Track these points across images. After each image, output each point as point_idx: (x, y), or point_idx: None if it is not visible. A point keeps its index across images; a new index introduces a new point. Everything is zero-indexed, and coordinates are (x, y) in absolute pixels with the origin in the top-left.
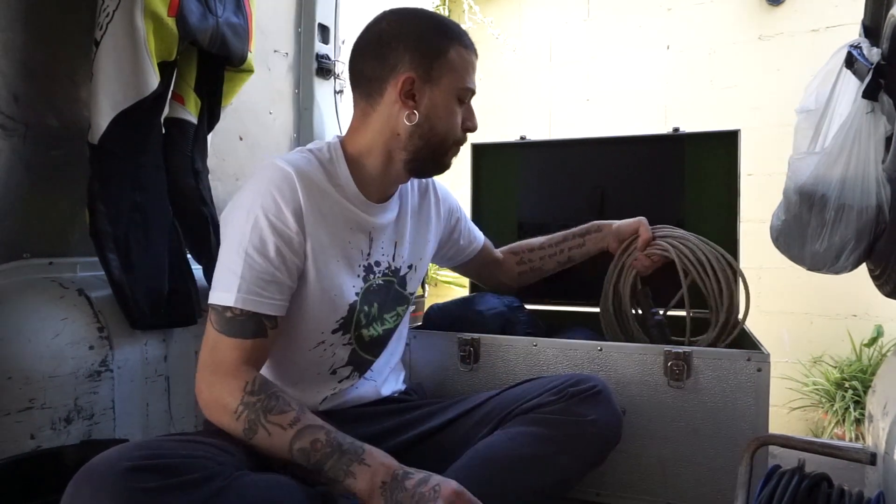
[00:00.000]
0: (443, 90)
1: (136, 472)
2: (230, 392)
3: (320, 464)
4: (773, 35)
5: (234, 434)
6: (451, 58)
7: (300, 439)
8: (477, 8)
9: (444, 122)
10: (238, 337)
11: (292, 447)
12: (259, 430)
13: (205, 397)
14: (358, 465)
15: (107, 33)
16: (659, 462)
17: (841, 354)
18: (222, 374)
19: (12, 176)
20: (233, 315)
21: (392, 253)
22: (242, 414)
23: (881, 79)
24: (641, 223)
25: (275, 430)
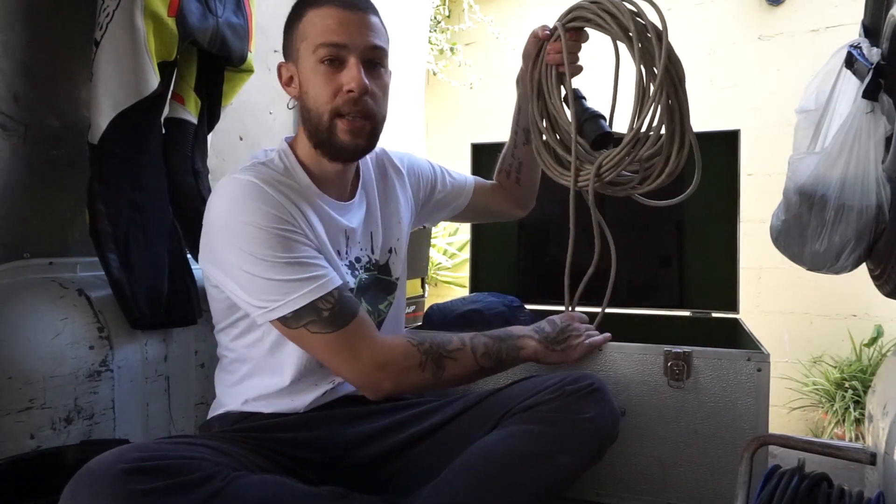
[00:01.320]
0: (303, 62)
1: (134, 474)
2: (404, 357)
3: (498, 357)
4: (773, 35)
5: (424, 383)
6: (302, 26)
7: (476, 351)
8: (477, 7)
9: (310, 96)
10: (351, 317)
11: (477, 359)
12: (447, 364)
13: (392, 382)
14: (517, 341)
15: (107, 33)
16: (659, 462)
17: (841, 354)
18: (384, 355)
19: (12, 176)
20: (326, 306)
21: (370, 245)
22: (427, 362)
23: (881, 79)
24: (534, 32)
25: (458, 355)
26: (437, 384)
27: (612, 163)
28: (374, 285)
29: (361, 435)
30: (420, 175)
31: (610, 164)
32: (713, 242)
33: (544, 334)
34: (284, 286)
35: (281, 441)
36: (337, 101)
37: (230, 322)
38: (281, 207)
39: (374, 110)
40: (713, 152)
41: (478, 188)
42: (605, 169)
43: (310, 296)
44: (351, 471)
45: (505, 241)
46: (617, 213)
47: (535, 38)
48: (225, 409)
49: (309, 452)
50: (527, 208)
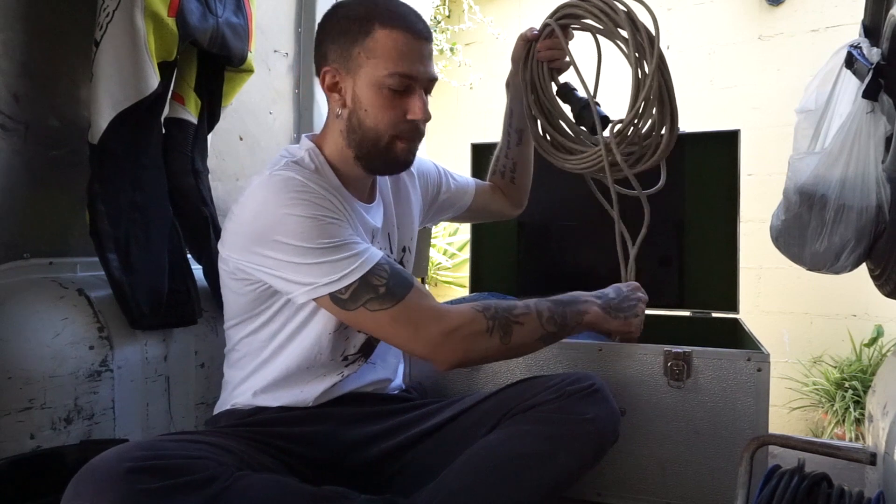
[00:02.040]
0: (363, 79)
1: (137, 474)
2: (471, 323)
3: (563, 322)
4: (773, 35)
5: (492, 350)
6: (370, 42)
7: (541, 316)
8: (477, 8)
9: (370, 115)
10: (408, 289)
11: (542, 324)
12: (514, 330)
13: (461, 350)
14: (581, 306)
15: (107, 33)
16: (659, 462)
17: (841, 354)
18: (449, 323)
19: (12, 176)
20: (381, 281)
21: (388, 245)
22: (495, 328)
23: (881, 79)
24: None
25: (524, 320)
26: (505, 351)
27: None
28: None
29: (365, 436)
30: (427, 176)
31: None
32: (713, 242)
33: (608, 300)
34: (336, 266)
35: (285, 436)
36: (401, 126)
37: (251, 315)
38: (324, 198)
39: (423, 133)
40: (713, 152)
41: (481, 192)
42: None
43: (360, 270)
44: (352, 471)
45: (505, 241)
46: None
47: (523, 41)
48: (232, 404)
49: (312, 450)
50: (521, 207)
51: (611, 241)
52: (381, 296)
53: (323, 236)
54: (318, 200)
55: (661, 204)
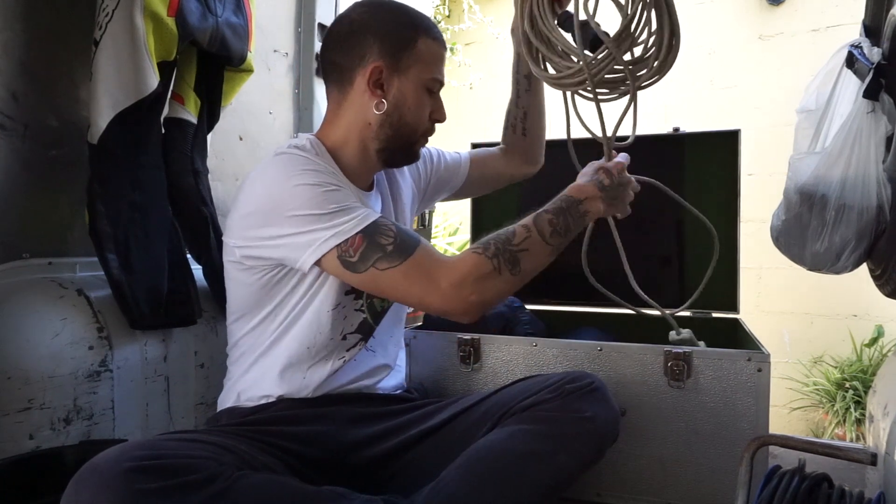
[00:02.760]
0: (411, 80)
1: (138, 473)
2: (477, 267)
3: (566, 229)
4: (773, 35)
5: (506, 286)
6: (420, 49)
7: (543, 234)
8: (477, 8)
9: (412, 112)
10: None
11: (546, 241)
12: (521, 258)
13: (476, 296)
14: (580, 206)
15: (106, 33)
16: (659, 462)
17: (841, 354)
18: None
19: (12, 176)
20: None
21: None
22: (501, 264)
23: (882, 78)
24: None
25: (527, 245)
26: (519, 281)
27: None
28: None
29: (365, 437)
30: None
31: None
32: (713, 242)
33: (603, 187)
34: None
35: (286, 436)
36: (427, 124)
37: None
38: (328, 170)
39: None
40: (713, 152)
41: (476, 161)
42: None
43: (363, 223)
44: (352, 471)
45: None
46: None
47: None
48: (233, 403)
49: (312, 449)
50: (537, 163)
51: (610, 241)
52: (390, 254)
53: (331, 202)
54: (323, 171)
55: (661, 204)
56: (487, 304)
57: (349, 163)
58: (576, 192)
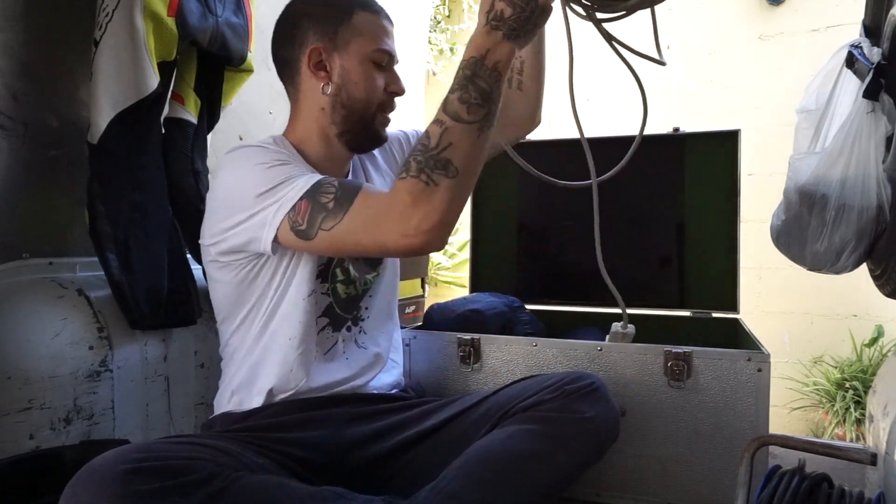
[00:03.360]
0: (352, 55)
1: (135, 475)
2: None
3: (484, 94)
4: (773, 35)
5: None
6: (356, 22)
7: (459, 116)
8: (477, 8)
9: (360, 87)
10: (355, 192)
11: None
12: (449, 156)
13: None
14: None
15: (106, 33)
16: (659, 462)
17: (841, 354)
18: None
19: (12, 176)
20: (328, 197)
21: None
22: (430, 177)
23: (882, 78)
24: None
25: (448, 139)
26: (465, 181)
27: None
28: (365, 258)
29: (362, 436)
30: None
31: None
32: (713, 242)
33: (501, 21)
34: (287, 194)
35: (282, 441)
36: (383, 97)
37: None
38: (284, 154)
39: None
40: (713, 152)
41: None
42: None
43: (304, 187)
44: (351, 471)
45: (505, 241)
46: (617, 213)
47: None
48: (227, 402)
49: (309, 453)
50: (534, 121)
51: (611, 241)
52: (332, 211)
53: (276, 176)
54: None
55: (660, 204)
56: (444, 224)
57: (316, 155)
58: (473, 51)
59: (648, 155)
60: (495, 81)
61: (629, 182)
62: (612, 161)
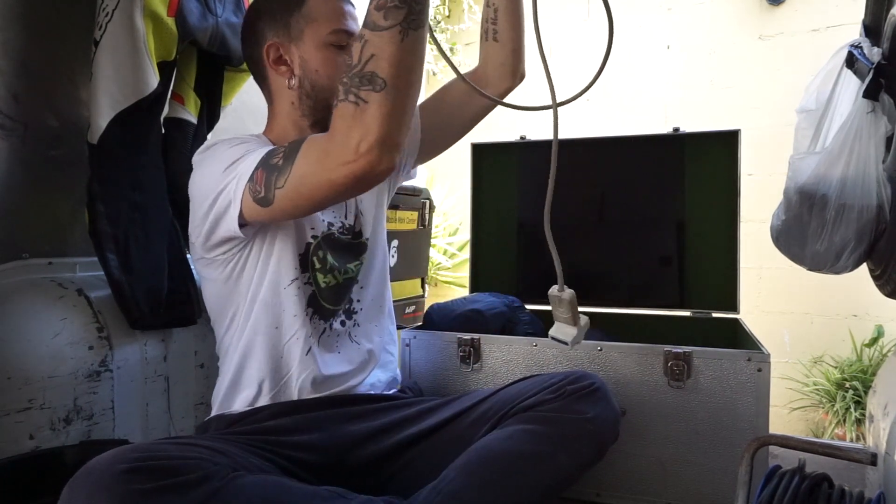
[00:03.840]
0: (309, 43)
1: (133, 474)
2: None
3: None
4: (773, 35)
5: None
6: (308, 9)
7: (375, 23)
8: (477, 8)
9: (322, 73)
10: (299, 145)
11: (382, 27)
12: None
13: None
14: None
15: (106, 33)
16: (659, 462)
17: (841, 354)
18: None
19: (12, 176)
20: (278, 157)
21: (344, 212)
22: (359, 94)
23: (882, 78)
24: None
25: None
26: (394, 93)
27: None
28: (345, 246)
29: (359, 434)
30: None
31: None
32: (713, 242)
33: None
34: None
35: (278, 443)
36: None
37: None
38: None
39: None
40: (713, 152)
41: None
42: None
43: (260, 155)
44: (350, 471)
45: (505, 241)
46: (617, 213)
47: None
48: (221, 401)
49: (307, 454)
50: (515, 75)
51: (611, 241)
52: (281, 167)
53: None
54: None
55: (660, 204)
56: (383, 142)
57: None
58: None
59: (648, 155)
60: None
61: (629, 182)
62: (613, 161)
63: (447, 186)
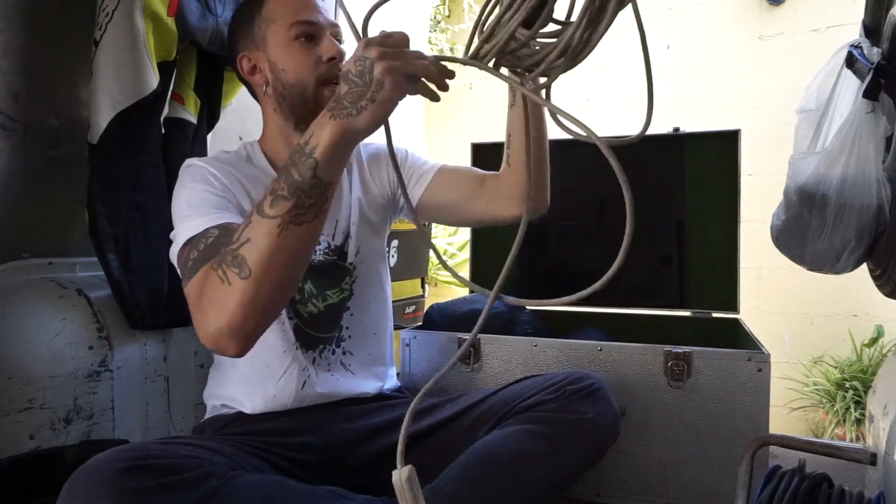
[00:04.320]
0: (273, 45)
1: (131, 473)
2: (205, 281)
3: (295, 186)
4: (773, 35)
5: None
6: (266, 13)
7: (260, 207)
8: (477, 7)
9: (290, 72)
10: (202, 264)
11: (265, 214)
12: (244, 253)
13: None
14: (305, 147)
15: (106, 33)
16: (659, 462)
17: (841, 354)
18: (193, 291)
19: (12, 176)
20: (193, 254)
21: (332, 231)
22: (225, 272)
23: (882, 79)
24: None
25: (248, 234)
26: (257, 286)
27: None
28: (327, 271)
29: (358, 434)
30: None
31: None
32: (713, 242)
33: (339, 101)
34: (181, 231)
35: (277, 444)
36: (320, 69)
37: None
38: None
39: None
40: (713, 152)
41: (444, 175)
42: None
43: (195, 228)
44: (350, 471)
45: (505, 241)
46: (617, 213)
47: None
48: (216, 412)
49: (306, 455)
50: (536, 201)
51: (610, 241)
52: (188, 270)
53: (190, 208)
54: (207, 176)
55: (660, 204)
56: (233, 330)
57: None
58: (304, 135)
59: (648, 155)
60: (309, 169)
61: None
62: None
63: None
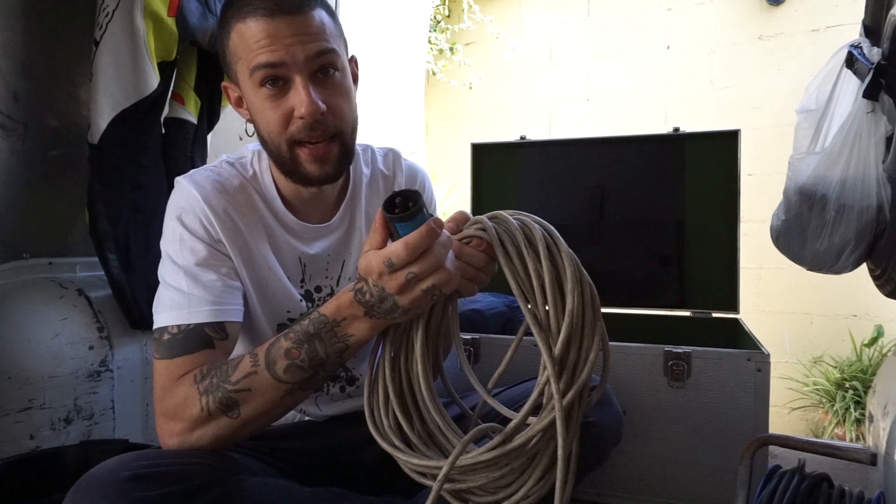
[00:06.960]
0: (243, 84)
1: (137, 481)
2: (185, 404)
3: (317, 361)
4: (773, 35)
5: (220, 435)
6: (232, 43)
7: (274, 366)
8: (476, 7)
9: (261, 123)
10: (173, 354)
11: (278, 377)
12: (240, 400)
13: (177, 440)
14: (337, 328)
15: (107, 33)
16: (659, 462)
17: (841, 354)
18: (169, 402)
19: (12, 176)
20: (178, 332)
21: (338, 275)
22: (210, 406)
23: (882, 78)
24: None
25: (250, 383)
26: (242, 425)
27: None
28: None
29: (360, 437)
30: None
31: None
32: (713, 242)
33: (366, 301)
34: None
35: (279, 448)
36: (291, 128)
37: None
38: (206, 230)
39: (338, 128)
40: (713, 152)
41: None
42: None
43: (170, 310)
44: (352, 473)
45: None
46: (617, 213)
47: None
48: None
49: (308, 458)
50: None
51: (611, 241)
52: (161, 346)
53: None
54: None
55: (660, 204)
56: (199, 446)
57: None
58: (331, 311)
59: (648, 155)
60: (336, 352)
61: (629, 182)
62: (613, 161)
63: (447, 186)
